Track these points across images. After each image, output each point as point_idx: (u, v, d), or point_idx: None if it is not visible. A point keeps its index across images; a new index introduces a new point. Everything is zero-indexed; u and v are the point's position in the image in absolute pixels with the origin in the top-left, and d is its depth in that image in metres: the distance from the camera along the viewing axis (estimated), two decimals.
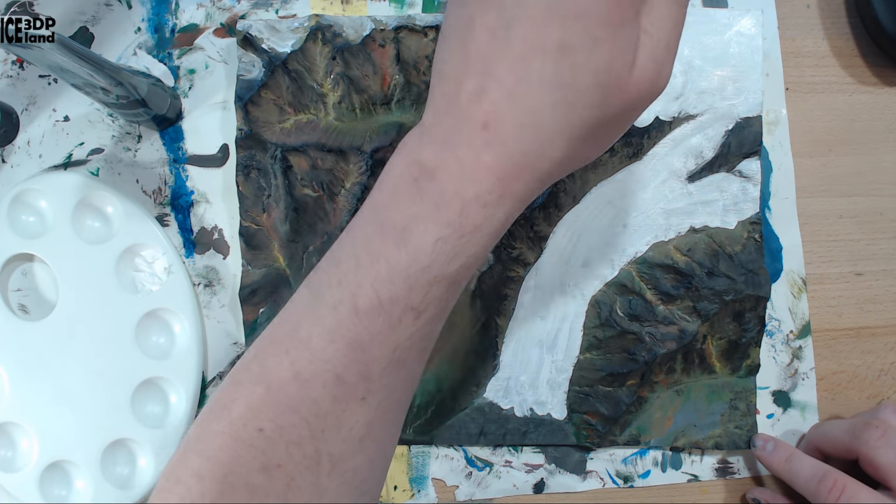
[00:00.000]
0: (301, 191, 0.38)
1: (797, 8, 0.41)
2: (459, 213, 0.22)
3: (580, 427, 0.38)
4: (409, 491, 0.38)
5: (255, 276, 0.38)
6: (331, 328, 0.23)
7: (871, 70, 0.41)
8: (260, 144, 0.38)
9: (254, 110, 0.38)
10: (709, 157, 0.38)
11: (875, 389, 0.40)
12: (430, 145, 0.23)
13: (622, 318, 0.38)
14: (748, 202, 0.38)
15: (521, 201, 0.23)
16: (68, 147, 0.39)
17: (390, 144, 0.38)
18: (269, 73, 0.38)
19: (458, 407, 0.38)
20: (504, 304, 0.38)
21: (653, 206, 0.38)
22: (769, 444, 0.36)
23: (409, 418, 0.38)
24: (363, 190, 0.38)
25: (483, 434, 0.38)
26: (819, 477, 0.33)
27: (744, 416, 0.38)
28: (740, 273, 0.38)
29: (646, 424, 0.38)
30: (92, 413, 0.36)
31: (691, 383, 0.38)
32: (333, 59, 0.38)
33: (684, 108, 0.38)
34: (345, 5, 0.40)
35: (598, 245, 0.38)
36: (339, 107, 0.38)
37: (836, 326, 0.40)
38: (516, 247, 0.38)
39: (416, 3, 0.40)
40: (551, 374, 0.38)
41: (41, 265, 0.38)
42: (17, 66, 0.39)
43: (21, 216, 0.37)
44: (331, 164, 0.38)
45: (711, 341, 0.38)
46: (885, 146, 0.40)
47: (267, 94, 0.38)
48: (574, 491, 0.38)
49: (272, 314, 0.38)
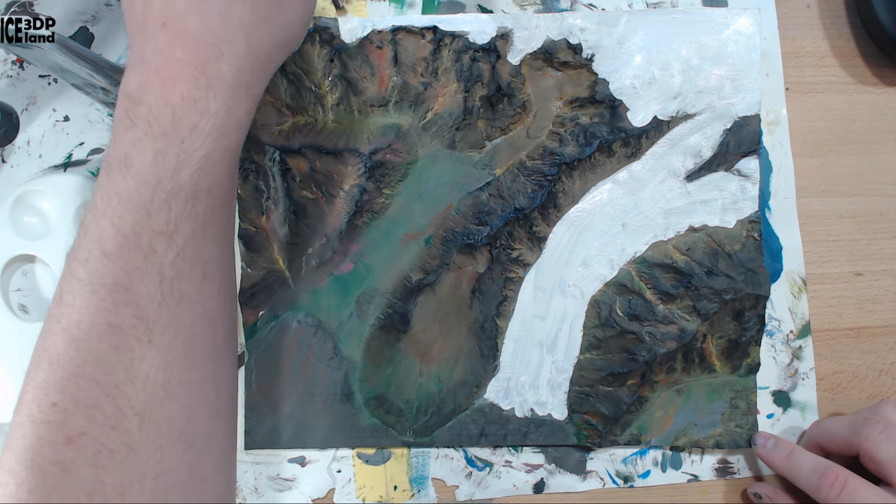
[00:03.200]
0: (300, 193, 0.38)
1: (797, 8, 0.41)
2: (172, 119, 0.22)
3: (581, 427, 0.38)
4: (409, 491, 0.38)
5: (255, 279, 0.38)
6: (87, 280, 0.23)
7: (871, 70, 0.41)
8: (258, 147, 0.38)
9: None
10: (707, 157, 0.38)
11: (875, 389, 0.40)
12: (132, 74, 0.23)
13: (622, 318, 0.38)
14: (747, 201, 0.38)
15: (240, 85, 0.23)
16: (68, 147, 0.39)
17: (389, 146, 0.38)
18: None
19: (458, 408, 0.38)
20: (503, 305, 0.38)
21: (651, 205, 0.38)
22: (769, 442, 0.36)
23: (409, 420, 0.38)
24: (361, 191, 0.38)
25: (484, 435, 0.38)
26: (820, 472, 0.33)
27: (744, 415, 0.38)
28: (740, 272, 0.38)
29: (646, 424, 0.38)
30: None
31: (692, 382, 0.38)
32: (331, 60, 0.38)
33: (682, 108, 0.38)
34: (345, 4, 0.40)
35: (597, 245, 0.38)
36: (336, 108, 0.38)
37: (836, 326, 0.40)
38: (515, 248, 0.38)
39: (416, 4, 0.40)
40: (551, 375, 0.38)
41: (42, 266, 0.38)
42: (17, 66, 0.39)
43: (23, 217, 0.37)
44: (329, 167, 0.38)
45: (711, 340, 0.38)
46: (885, 146, 0.40)
47: (265, 96, 0.38)
48: (574, 491, 0.38)
49: (272, 316, 0.38)
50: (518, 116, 0.38)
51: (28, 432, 0.22)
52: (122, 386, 0.22)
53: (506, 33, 0.38)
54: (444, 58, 0.38)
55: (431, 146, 0.38)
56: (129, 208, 0.22)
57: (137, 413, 0.22)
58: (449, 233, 0.38)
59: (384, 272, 0.38)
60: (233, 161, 0.25)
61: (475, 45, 0.38)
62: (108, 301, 0.22)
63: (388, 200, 0.38)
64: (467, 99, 0.38)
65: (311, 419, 0.38)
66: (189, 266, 0.23)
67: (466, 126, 0.38)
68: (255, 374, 0.38)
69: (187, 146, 0.23)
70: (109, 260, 0.22)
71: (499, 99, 0.38)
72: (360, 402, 0.38)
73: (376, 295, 0.38)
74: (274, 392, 0.38)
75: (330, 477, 0.38)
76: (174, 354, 0.23)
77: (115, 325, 0.22)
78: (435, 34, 0.38)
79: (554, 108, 0.38)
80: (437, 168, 0.38)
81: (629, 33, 0.38)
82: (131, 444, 0.22)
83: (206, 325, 0.25)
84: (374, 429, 0.38)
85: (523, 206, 0.38)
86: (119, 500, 0.22)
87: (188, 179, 0.23)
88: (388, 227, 0.38)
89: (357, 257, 0.38)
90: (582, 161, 0.38)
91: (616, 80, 0.38)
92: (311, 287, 0.38)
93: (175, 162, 0.23)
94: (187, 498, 0.23)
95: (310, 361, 0.38)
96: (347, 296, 0.38)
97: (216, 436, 0.25)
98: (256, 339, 0.38)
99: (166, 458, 0.23)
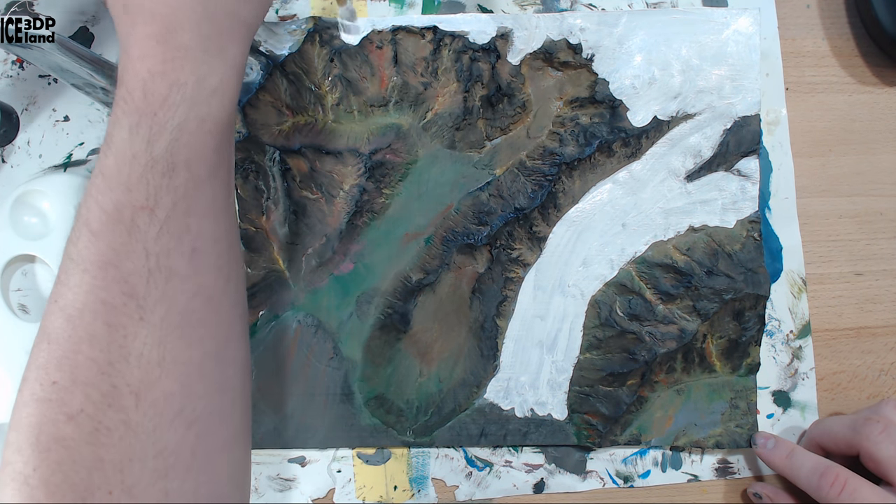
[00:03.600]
0: (300, 193, 0.38)
1: (797, 8, 0.41)
2: (143, 94, 0.23)
3: (581, 427, 0.38)
4: (409, 491, 0.38)
5: (255, 279, 0.38)
6: (79, 259, 0.23)
7: (871, 70, 0.41)
8: (258, 147, 0.38)
9: (252, 113, 0.38)
10: (707, 157, 0.38)
11: (875, 389, 0.40)
12: (119, 64, 0.24)
13: (622, 318, 0.38)
14: (747, 201, 0.38)
15: (207, 52, 0.24)
16: (68, 147, 0.39)
17: (389, 146, 0.38)
18: (267, 75, 0.38)
19: (458, 408, 0.38)
20: (504, 305, 0.38)
21: (651, 205, 0.38)
22: (770, 442, 0.36)
23: (409, 419, 0.38)
24: (361, 191, 0.38)
25: (484, 435, 0.38)
26: (821, 472, 0.33)
27: (744, 414, 0.38)
28: (740, 272, 0.38)
29: (646, 424, 0.38)
30: None
31: (692, 382, 0.38)
32: (331, 60, 0.38)
33: (682, 108, 0.38)
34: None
35: (597, 245, 0.38)
36: (337, 108, 0.38)
37: (836, 326, 0.40)
38: (515, 248, 0.38)
39: (416, 3, 0.40)
40: (551, 375, 0.38)
41: (42, 266, 0.38)
42: (17, 66, 0.39)
43: (23, 217, 0.37)
44: (329, 167, 0.38)
45: (711, 340, 0.38)
46: (885, 146, 0.40)
47: (265, 96, 0.38)
48: (574, 491, 0.38)
49: (272, 316, 0.38)
50: (518, 116, 0.38)
51: (32, 410, 0.22)
52: (116, 363, 0.22)
53: (506, 33, 0.38)
54: (444, 58, 0.38)
55: (431, 146, 0.38)
56: (110, 184, 0.23)
57: (133, 391, 0.22)
58: (449, 233, 0.38)
59: (384, 272, 0.38)
60: (216, 132, 0.25)
61: (475, 45, 0.38)
62: (98, 279, 0.23)
63: (388, 200, 0.38)
64: (467, 99, 0.38)
65: (312, 419, 0.38)
66: (175, 241, 0.23)
67: (466, 126, 0.38)
68: (255, 374, 0.38)
69: (160, 118, 0.23)
70: (97, 238, 0.23)
71: (499, 99, 0.38)
72: (360, 402, 0.38)
73: (376, 295, 0.38)
74: (274, 392, 0.38)
75: (330, 477, 0.38)
76: (167, 331, 0.23)
77: (107, 302, 0.23)
78: (435, 34, 0.38)
79: (554, 108, 0.38)
80: (437, 168, 0.38)
81: (629, 33, 0.38)
82: (129, 421, 0.22)
83: (202, 301, 0.24)
84: (374, 429, 0.38)
85: (523, 206, 0.38)
86: (118, 476, 0.22)
87: (163, 151, 0.23)
88: (388, 227, 0.38)
89: (357, 257, 0.38)
90: (582, 161, 0.38)
91: (616, 80, 0.38)
92: (311, 287, 0.38)
93: (149, 134, 0.23)
94: (191, 477, 0.23)
95: (310, 361, 0.38)
96: (347, 296, 0.38)
97: (221, 414, 0.25)
98: (256, 339, 0.38)
99: (166, 436, 0.23)
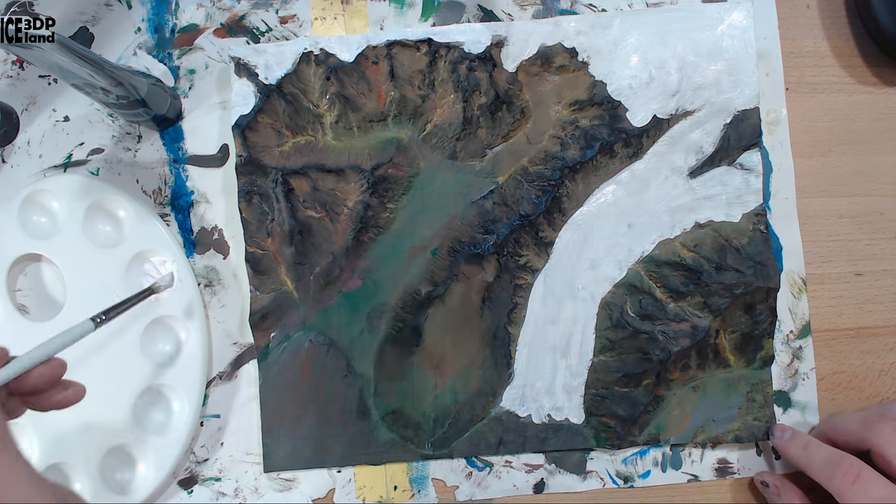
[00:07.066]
0: (304, 213, 0.38)
1: (797, 8, 0.41)
2: None
3: (599, 430, 0.38)
4: (410, 491, 0.38)
5: (264, 301, 0.38)
6: None
7: (871, 70, 0.41)
8: (260, 169, 0.38)
9: (252, 136, 0.38)
10: (709, 152, 0.38)
11: (875, 389, 0.40)
12: None
13: (633, 318, 0.38)
14: (751, 194, 0.38)
15: None
16: (68, 147, 0.39)
17: (390, 160, 0.38)
18: (265, 97, 0.38)
19: (475, 418, 0.38)
20: (514, 313, 0.38)
21: (656, 204, 0.38)
22: (787, 433, 0.37)
23: (426, 433, 0.37)
24: (365, 207, 0.38)
25: (502, 444, 0.38)
26: (835, 462, 0.33)
27: (761, 407, 0.38)
28: (749, 265, 0.38)
29: (664, 423, 0.38)
30: (93, 417, 0.36)
31: (707, 378, 0.38)
32: (327, 79, 0.38)
33: (681, 105, 0.38)
34: (345, 5, 0.40)
35: (604, 247, 0.38)
36: (336, 126, 0.38)
37: (836, 326, 0.40)
38: (523, 254, 0.38)
39: (416, 4, 0.40)
40: (566, 379, 0.38)
41: (48, 265, 0.38)
42: (17, 66, 0.40)
43: (32, 216, 0.37)
44: (332, 185, 0.38)
45: (724, 335, 0.38)
46: (885, 146, 0.40)
47: (264, 118, 0.38)
48: (574, 491, 0.38)
49: (283, 337, 0.38)
50: (517, 123, 0.38)
51: None
52: None
53: (500, 41, 0.38)
54: (440, 69, 0.38)
55: (433, 158, 0.38)
56: None
57: None
58: (455, 243, 0.38)
59: (393, 286, 0.38)
60: None
61: (470, 54, 0.38)
62: None
63: (392, 214, 0.38)
64: (466, 108, 0.38)
65: (329, 438, 0.37)
66: None
67: (466, 135, 0.38)
68: (270, 396, 0.38)
69: None
70: None
71: (497, 107, 0.38)
72: (376, 417, 0.38)
73: (386, 310, 0.38)
74: (290, 413, 0.38)
75: (330, 477, 0.38)
76: None
77: None
78: (430, 46, 0.38)
79: (553, 112, 0.38)
80: (439, 179, 0.38)
81: (624, 34, 0.38)
82: None
83: None
84: (391, 444, 0.37)
85: (528, 213, 0.38)
86: None
87: None
88: (394, 242, 0.38)
89: (365, 273, 0.38)
90: (584, 164, 0.38)
91: (613, 81, 0.38)
92: (321, 306, 0.38)
93: None
94: None
95: (324, 380, 0.38)
96: (357, 312, 0.38)
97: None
98: (269, 360, 0.38)
99: None
